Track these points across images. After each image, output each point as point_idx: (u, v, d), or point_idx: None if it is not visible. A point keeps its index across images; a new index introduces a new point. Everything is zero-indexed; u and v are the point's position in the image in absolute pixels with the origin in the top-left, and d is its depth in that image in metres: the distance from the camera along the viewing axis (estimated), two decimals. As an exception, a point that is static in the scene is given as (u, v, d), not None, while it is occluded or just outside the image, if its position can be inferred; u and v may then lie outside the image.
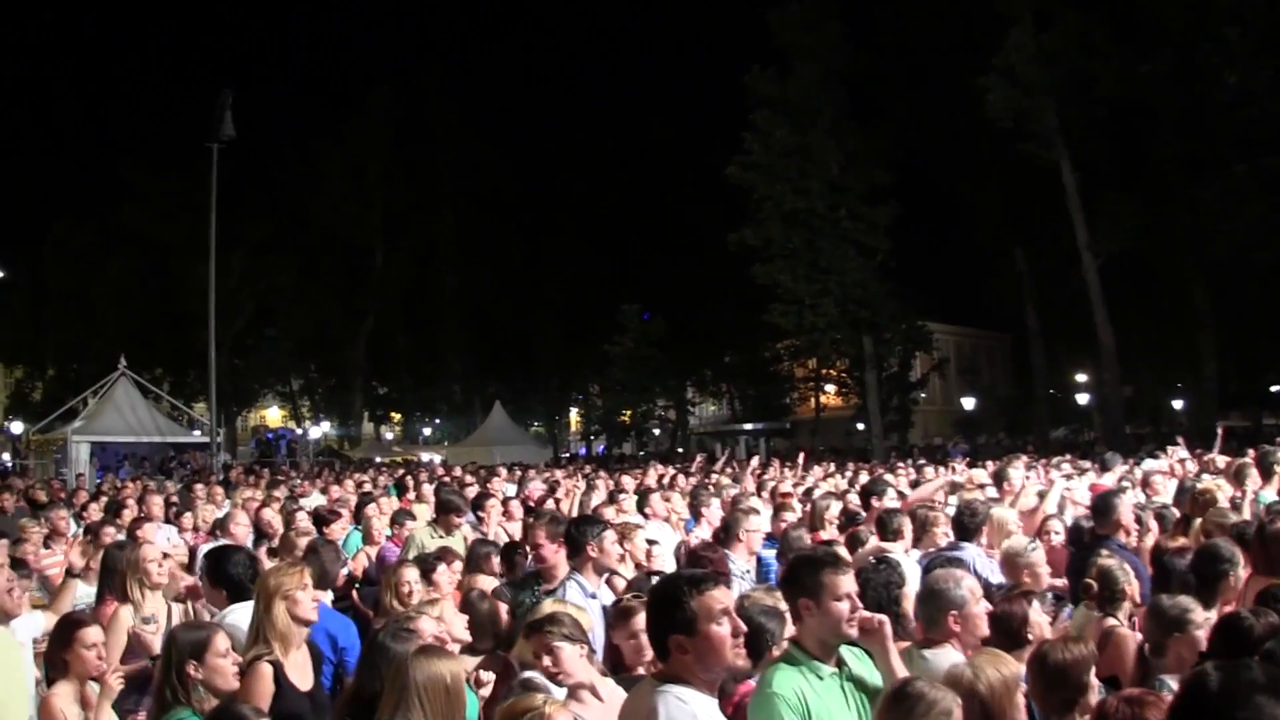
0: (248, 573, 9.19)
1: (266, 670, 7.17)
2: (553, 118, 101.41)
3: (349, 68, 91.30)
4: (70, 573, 10.34)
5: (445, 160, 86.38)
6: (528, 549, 11.94)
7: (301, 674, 7.51)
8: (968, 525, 11.28)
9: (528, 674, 7.16)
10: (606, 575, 9.83)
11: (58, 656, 7.44)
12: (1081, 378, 74.38)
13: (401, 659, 6.18)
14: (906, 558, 10.37)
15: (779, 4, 63.04)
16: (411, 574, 9.67)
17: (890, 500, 13.67)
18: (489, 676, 7.82)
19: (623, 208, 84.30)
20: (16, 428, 76.85)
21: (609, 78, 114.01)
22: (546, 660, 6.84)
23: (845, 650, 6.05)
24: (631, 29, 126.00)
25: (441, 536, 13.55)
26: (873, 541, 11.18)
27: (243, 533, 13.99)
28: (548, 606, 7.62)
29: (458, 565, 10.73)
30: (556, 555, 10.19)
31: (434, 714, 5.75)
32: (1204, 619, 7.19)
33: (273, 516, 15.89)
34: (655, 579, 7.80)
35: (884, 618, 6.17)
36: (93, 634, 7.42)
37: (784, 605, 6.74)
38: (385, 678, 6.27)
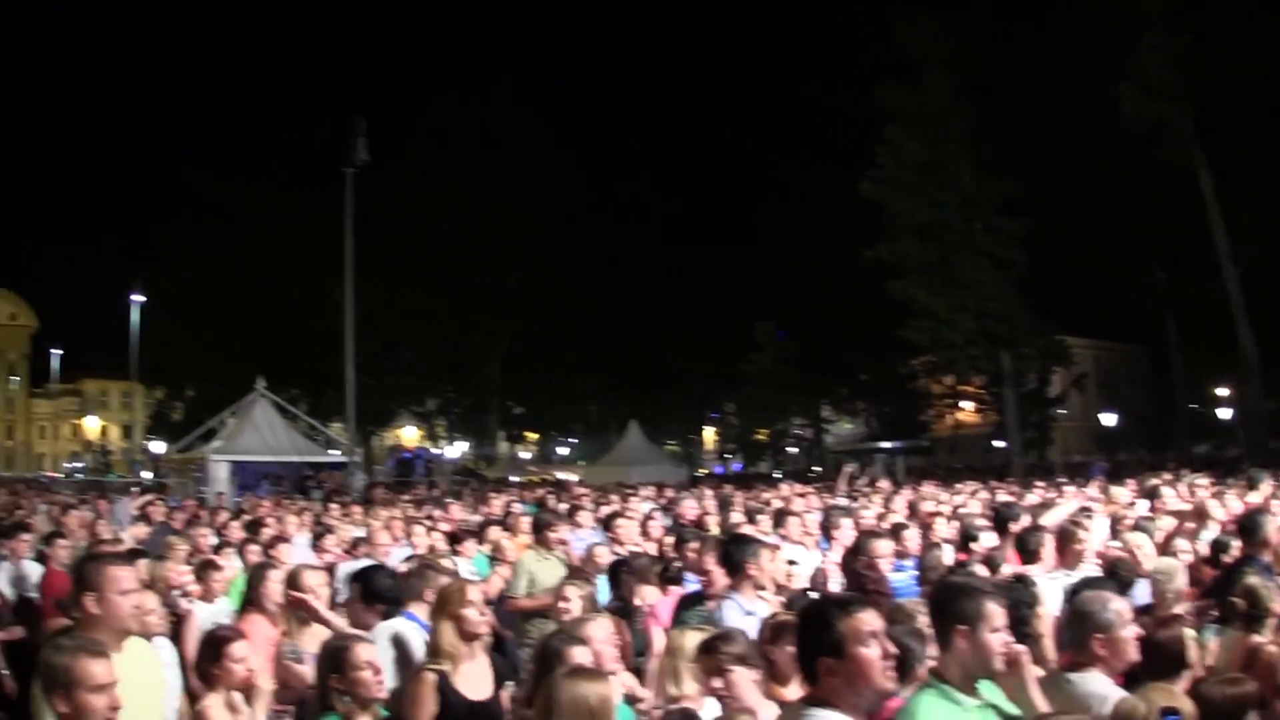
0: (395, 590, 9.45)
1: (430, 679, 7.41)
2: (687, 137, 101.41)
3: (480, 92, 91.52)
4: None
5: (581, 180, 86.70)
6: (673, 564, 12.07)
7: (476, 685, 7.66)
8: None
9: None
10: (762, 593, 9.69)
11: (207, 670, 7.51)
12: (1223, 391, 73.34)
13: (549, 678, 6.04)
14: (1047, 579, 10.24)
15: (907, 16, 62.77)
16: (573, 591, 9.59)
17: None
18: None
19: (756, 225, 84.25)
20: (157, 447, 77.79)
21: (742, 95, 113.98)
22: (717, 682, 6.71)
23: (981, 682, 5.87)
24: (761, 47, 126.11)
25: (545, 558, 13.61)
26: (1010, 564, 11.00)
27: (386, 552, 14.06)
28: (691, 634, 7.55)
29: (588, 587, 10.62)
30: (715, 575, 10.24)
31: None
32: None
33: (422, 534, 16.03)
34: (809, 596, 7.75)
35: (1025, 649, 6.01)
36: (240, 648, 7.52)
37: (923, 622, 6.70)
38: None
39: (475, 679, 7.69)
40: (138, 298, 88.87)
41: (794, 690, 6.55)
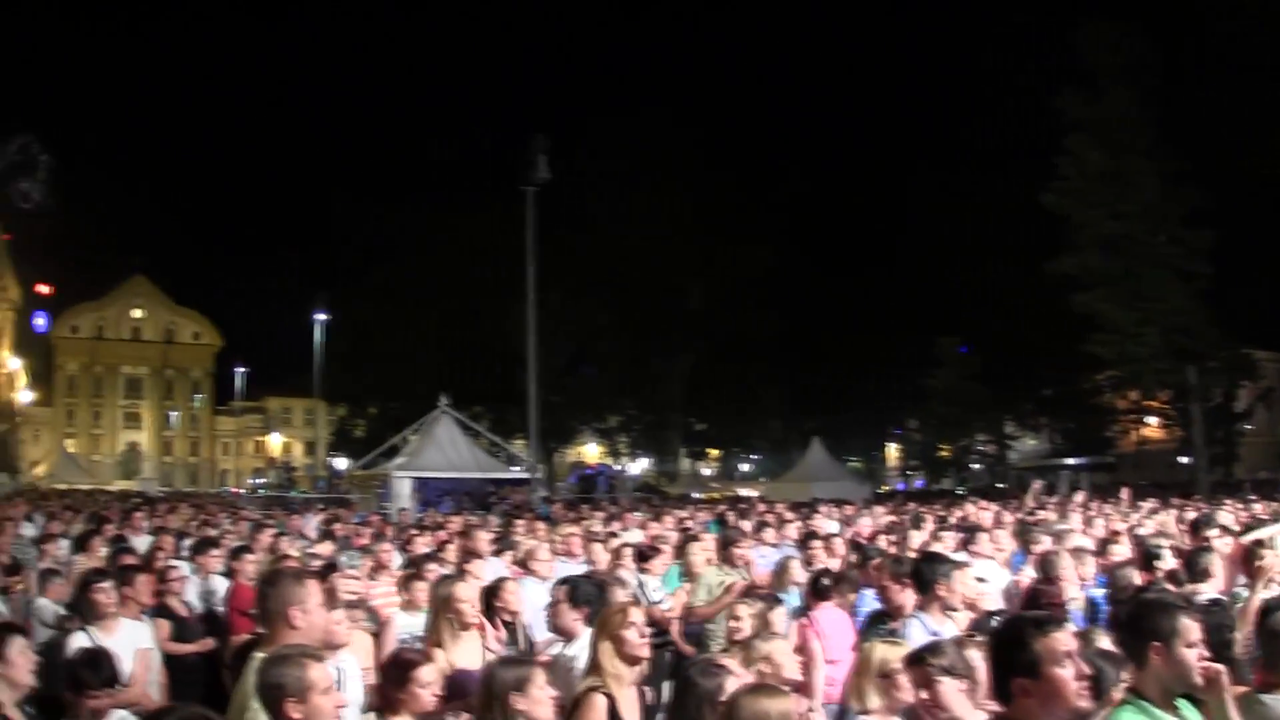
0: (597, 599, 9.52)
1: (601, 701, 7.25)
2: (866, 151, 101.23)
3: (662, 105, 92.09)
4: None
5: (759, 195, 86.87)
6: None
7: (633, 710, 7.54)
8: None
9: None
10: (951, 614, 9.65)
11: (392, 693, 7.48)
12: None
13: (721, 693, 6.17)
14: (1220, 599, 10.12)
15: (1087, 24, 62.24)
16: (745, 610, 9.59)
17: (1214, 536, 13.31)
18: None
19: (937, 239, 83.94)
20: (340, 464, 78.88)
21: (919, 107, 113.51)
22: (924, 694, 6.68)
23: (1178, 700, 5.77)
24: (937, 58, 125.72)
25: (728, 573, 13.52)
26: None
27: (546, 569, 14.07)
28: (879, 649, 7.46)
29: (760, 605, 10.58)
30: (901, 595, 10.19)
31: None
32: None
33: (597, 549, 16.14)
34: (995, 619, 7.71)
35: (1224, 668, 5.86)
36: (427, 673, 7.46)
37: (1111, 646, 6.63)
38: (694, 711, 6.33)
39: (632, 704, 7.59)
40: (321, 316, 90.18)
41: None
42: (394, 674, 7.57)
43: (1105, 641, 6.99)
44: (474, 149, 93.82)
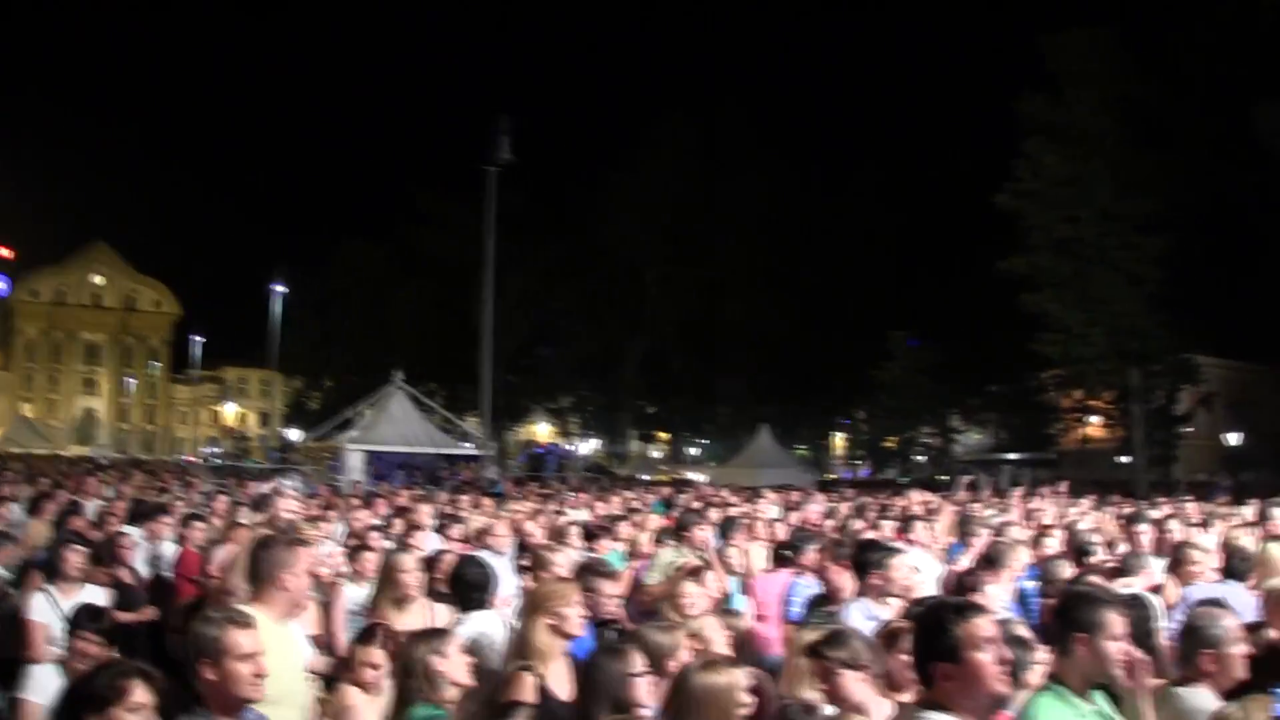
0: (480, 579, 9.79)
1: (530, 681, 7.39)
2: (828, 147, 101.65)
3: (637, 94, 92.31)
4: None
5: (728, 187, 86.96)
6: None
7: (563, 686, 7.59)
8: (1238, 567, 11.43)
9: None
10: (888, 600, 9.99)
11: (351, 664, 7.79)
12: (1356, 414, 72.82)
13: (680, 670, 6.35)
14: (1152, 595, 10.48)
15: (1053, 30, 62.70)
16: (693, 589, 9.77)
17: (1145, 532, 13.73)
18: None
19: (893, 234, 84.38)
20: (294, 435, 78.76)
21: (883, 105, 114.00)
22: (824, 685, 6.86)
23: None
24: (904, 60, 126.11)
25: (685, 556, 13.34)
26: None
27: (503, 544, 14.07)
28: (811, 634, 7.58)
29: (711, 580, 10.92)
30: (841, 578, 10.65)
31: None
32: None
33: (534, 528, 16.44)
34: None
35: (1146, 658, 6.21)
36: (375, 655, 7.73)
37: (1026, 633, 7.01)
38: (595, 689, 6.60)
39: (562, 679, 7.65)
40: (279, 288, 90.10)
41: (908, 697, 6.54)
42: (358, 645, 7.91)
43: (1022, 629, 7.31)
44: (440, 128, 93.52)
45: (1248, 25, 56.46)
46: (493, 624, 9.34)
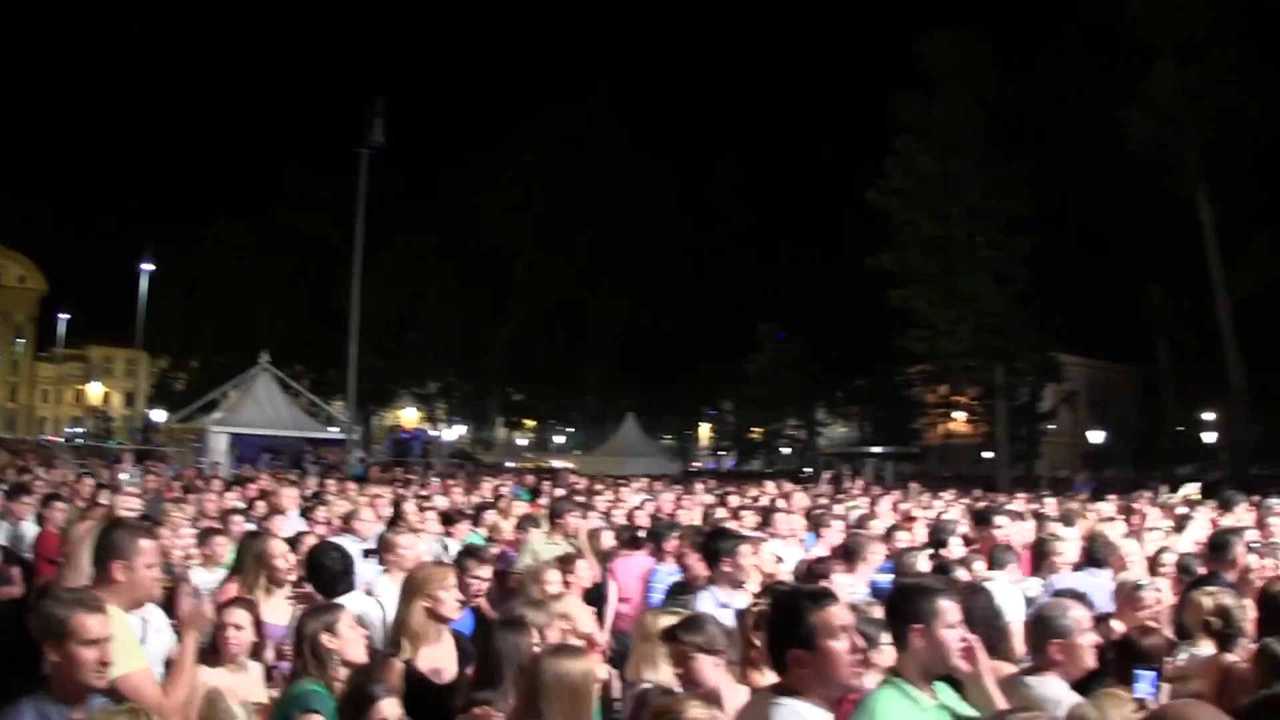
0: (339, 566, 9.76)
1: (397, 666, 7.48)
2: (699, 138, 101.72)
3: (511, 80, 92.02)
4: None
5: (597, 176, 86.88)
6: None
7: (442, 668, 7.73)
8: (1099, 556, 11.57)
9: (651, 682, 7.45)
10: (740, 587, 10.03)
11: (213, 640, 7.67)
12: (1210, 416, 73.85)
13: (532, 656, 6.40)
14: (1013, 587, 10.64)
15: (926, 31, 63.25)
16: (554, 575, 9.94)
17: (1002, 527, 13.85)
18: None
19: (764, 228, 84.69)
20: (158, 416, 77.93)
21: (757, 100, 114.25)
22: (679, 669, 6.95)
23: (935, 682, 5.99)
24: (779, 55, 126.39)
25: (556, 543, 13.77)
26: (977, 569, 11.29)
27: (368, 529, 13.67)
28: (663, 619, 7.78)
29: (583, 566, 11.13)
30: (700, 565, 10.66)
31: (560, 713, 5.81)
32: None
33: (411, 511, 16.07)
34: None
35: (979, 640, 6.17)
36: (238, 615, 7.74)
37: (879, 619, 6.86)
38: (500, 665, 6.72)
39: (440, 661, 7.78)
40: (147, 266, 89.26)
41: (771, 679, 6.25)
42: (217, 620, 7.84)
43: (877, 614, 7.32)
44: (313, 109, 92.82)
45: (1114, 30, 57.10)
46: (367, 605, 9.24)
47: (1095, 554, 11.66)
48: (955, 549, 12.85)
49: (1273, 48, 51.88)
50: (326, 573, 9.64)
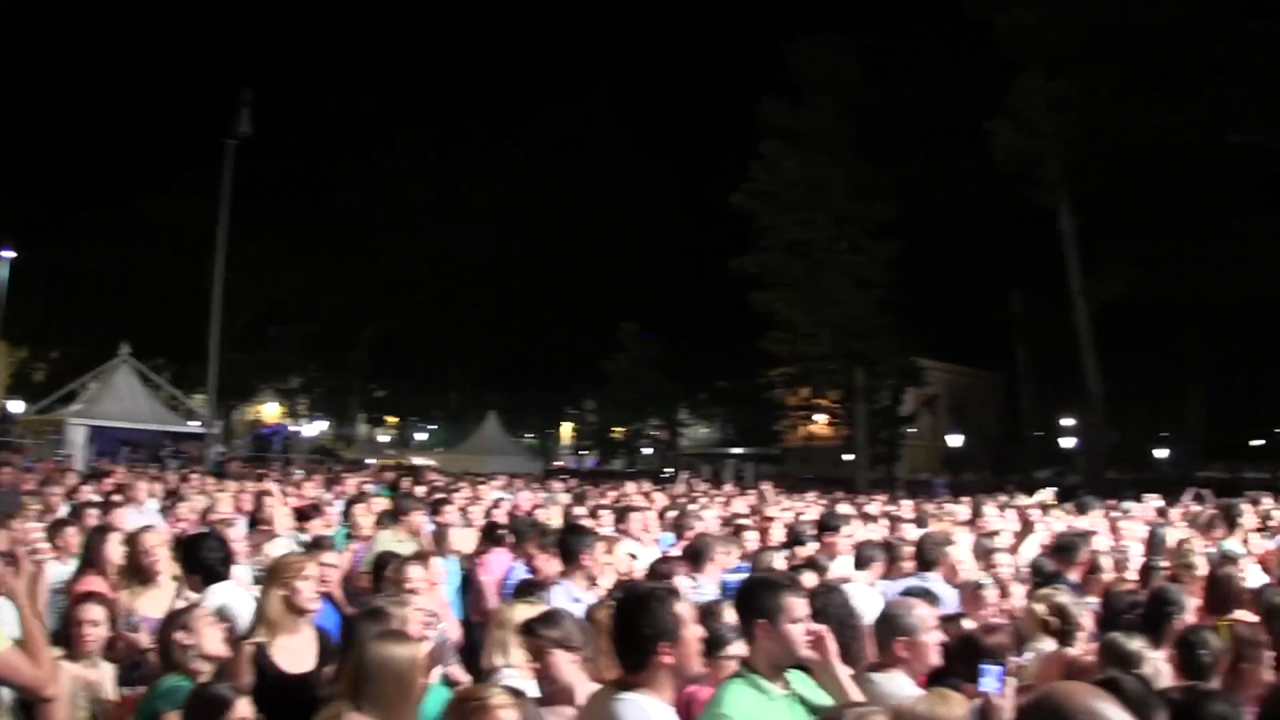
0: (218, 556, 9.61)
1: (247, 651, 7.47)
2: (562, 134, 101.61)
3: (382, 76, 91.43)
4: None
5: (465, 174, 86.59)
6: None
7: (298, 658, 7.68)
8: (929, 559, 11.75)
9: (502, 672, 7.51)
10: (593, 583, 10.23)
11: (67, 634, 7.75)
12: (1068, 421, 74.87)
13: (359, 642, 6.37)
14: (870, 588, 10.75)
15: (795, 36, 63.64)
16: (417, 571, 9.75)
17: (848, 532, 13.98)
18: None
19: (629, 228, 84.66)
20: (16, 407, 76.77)
21: (624, 100, 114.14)
22: (536, 664, 7.00)
23: (790, 673, 6.13)
24: (644, 54, 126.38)
25: (403, 540, 13.75)
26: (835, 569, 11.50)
27: (227, 523, 13.69)
28: (518, 609, 7.96)
29: (439, 564, 11.26)
30: (547, 563, 10.87)
31: (384, 698, 5.85)
32: (1154, 659, 7.36)
33: (273, 503, 15.94)
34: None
35: (825, 629, 6.22)
36: (92, 611, 7.78)
37: (730, 618, 6.96)
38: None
39: (297, 652, 7.75)
40: (7, 254, 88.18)
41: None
42: (69, 615, 7.82)
43: (727, 613, 7.39)
44: (180, 97, 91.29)
45: (982, 42, 57.74)
46: (235, 595, 9.15)
47: (925, 556, 11.84)
48: (811, 549, 13.04)
49: (1133, 65, 52.72)
50: (206, 564, 9.55)
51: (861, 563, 11.64)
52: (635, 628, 5.70)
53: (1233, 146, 50.84)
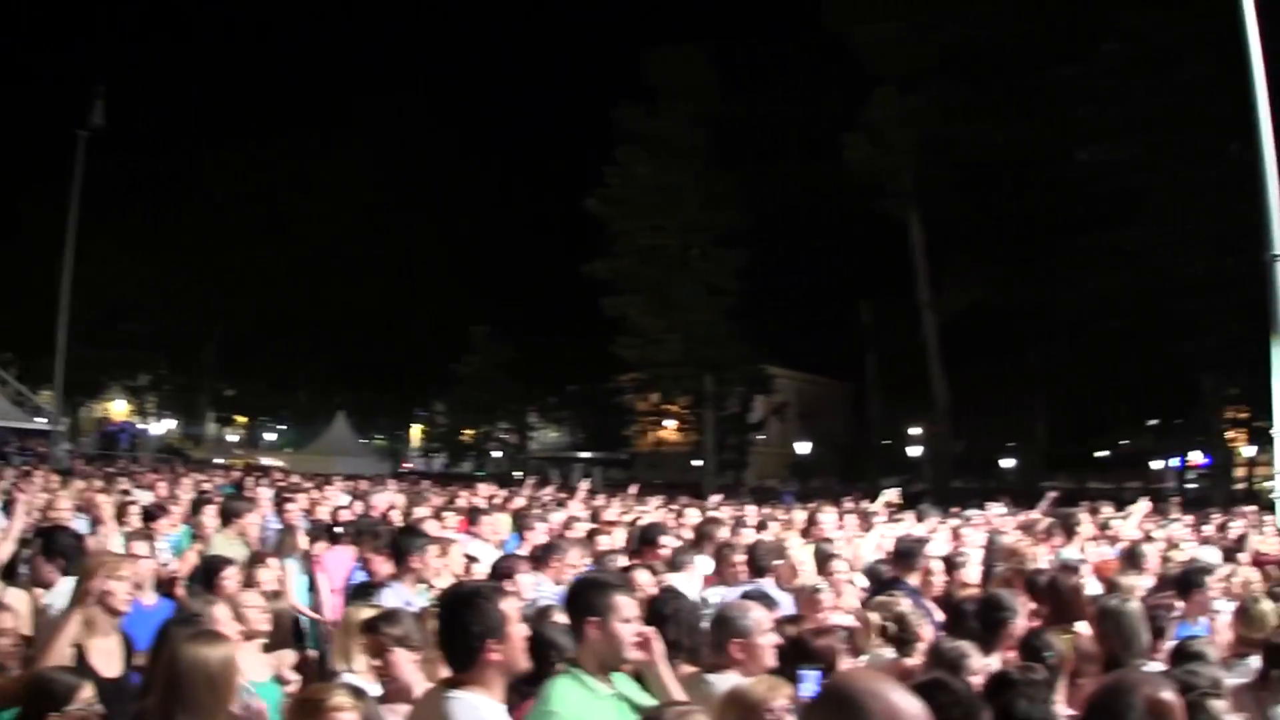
0: (74, 550, 9.68)
1: (65, 653, 7.24)
2: (421, 136, 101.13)
3: (240, 68, 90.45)
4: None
5: (318, 172, 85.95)
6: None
7: (108, 661, 7.56)
8: (761, 565, 11.87)
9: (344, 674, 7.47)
10: (426, 586, 10.27)
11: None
12: (915, 430, 75.54)
13: (169, 643, 6.24)
14: (706, 591, 11.06)
15: (653, 43, 63.81)
16: (269, 574, 9.95)
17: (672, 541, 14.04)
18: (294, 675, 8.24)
19: (481, 230, 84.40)
20: None
21: (479, 102, 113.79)
22: (377, 660, 7.12)
23: (615, 674, 6.14)
24: (502, 56, 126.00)
25: (233, 540, 13.56)
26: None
27: (66, 520, 13.46)
28: (361, 612, 7.93)
29: (274, 564, 11.01)
30: (381, 565, 10.93)
31: (195, 699, 5.76)
32: (982, 664, 7.23)
33: (105, 502, 15.82)
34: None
35: (654, 630, 6.28)
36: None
37: (562, 620, 7.07)
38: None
39: (107, 654, 7.59)
40: None
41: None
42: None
43: (560, 616, 7.46)
44: (31, 88, 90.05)
45: (839, 56, 58.33)
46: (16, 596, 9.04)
47: (758, 563, 11.97)
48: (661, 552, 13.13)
49: (985, 83, 53.51)
50: (65, 556, 9.57)
51: (678, 566, 11.78)
52: (462, 626, 5.67)
53: (1079, 164, 51.72)
